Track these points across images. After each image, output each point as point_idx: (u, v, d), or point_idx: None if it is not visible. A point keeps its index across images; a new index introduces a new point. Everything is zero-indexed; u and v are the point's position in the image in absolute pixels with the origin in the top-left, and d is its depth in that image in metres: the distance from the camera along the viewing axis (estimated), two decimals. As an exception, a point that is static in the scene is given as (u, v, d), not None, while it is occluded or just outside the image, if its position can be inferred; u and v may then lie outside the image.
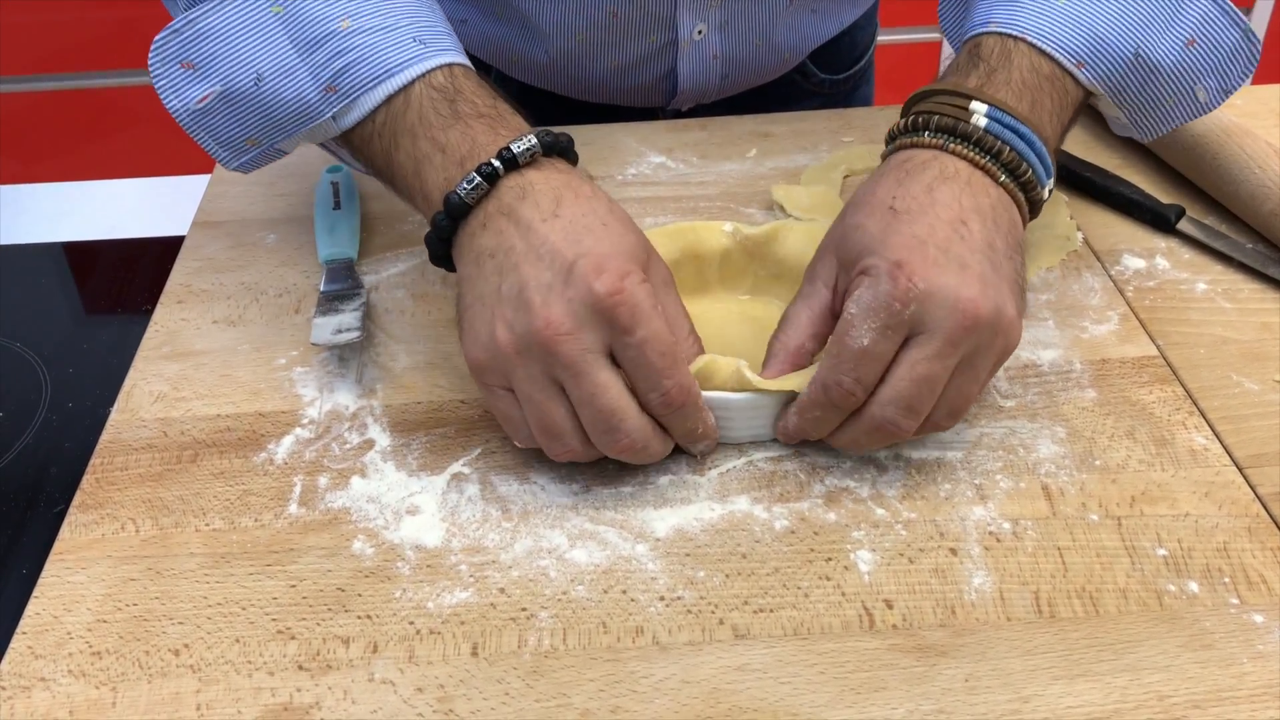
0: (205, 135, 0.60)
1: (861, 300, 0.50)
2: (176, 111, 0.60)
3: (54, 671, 0.47)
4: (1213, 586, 0.49)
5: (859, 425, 0.52)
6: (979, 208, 0.53)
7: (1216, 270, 0.67)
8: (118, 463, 0.56)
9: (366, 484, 0.54)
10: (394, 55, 0.56)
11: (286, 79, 0.57)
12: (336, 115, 0.58)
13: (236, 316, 0.65)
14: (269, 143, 0.61)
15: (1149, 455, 0.55)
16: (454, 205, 0.53)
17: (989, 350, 0.51)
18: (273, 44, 0.57)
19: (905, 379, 0.50)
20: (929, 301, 0.49)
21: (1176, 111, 0.63)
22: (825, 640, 0.47)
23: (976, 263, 0.51)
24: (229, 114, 0.59)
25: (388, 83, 0.56)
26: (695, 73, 0.85)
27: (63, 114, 1.88)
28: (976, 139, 0.54)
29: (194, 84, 0.59)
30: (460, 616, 0.48)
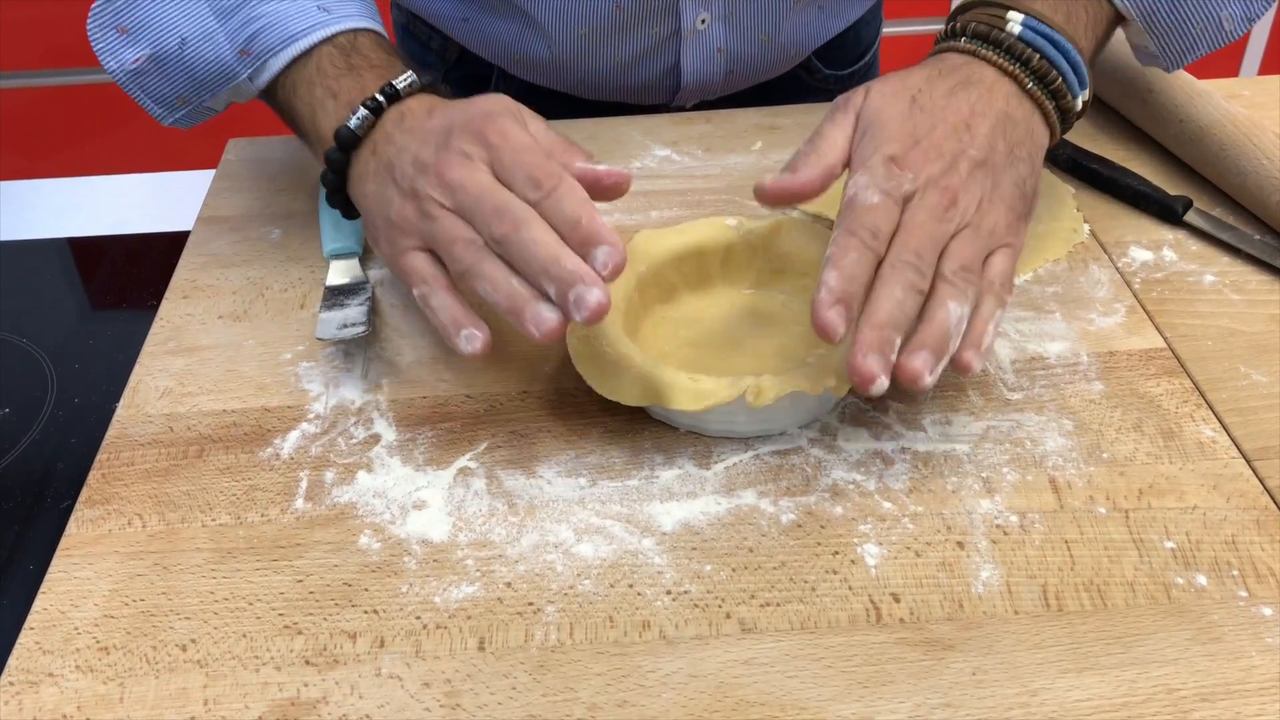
0: (140, 94, 0.67)
1: (858, 182, 0.54)
2: (114, 72, 0.66)
3: (61, 667, 0.47)
4: (1221, 579, 0.49)
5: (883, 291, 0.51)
6: (990, 113, 0.56)
7: (1224, 262, 0.67)
8: (124, 458, 0.56)
9: (373, 479, 0.54)
10: (298, 22, 0.63)
11: (206, 43, 0.64)
12: (251, 76, 0.64)
13: (242, 312, 0.65)
14: (197, 101, 0.67)
15: (1157, 448, 0.55)
16: (344, 138, 0.58)
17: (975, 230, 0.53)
18: (195, 11, 0.64)
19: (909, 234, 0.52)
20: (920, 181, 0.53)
21: (1203, 39, 0.66)
22: (832, 634, 0.47)
23: (968, 158, 0.54)
24: (159, 75, 0.66)
25: (292, 46, 0.63)
26: (699, 67, 0.85)
27: (67, 109, 1.88)
28: (1008, 46, 0.58)
29: (127, 47, 0.66)
30: (467, 611, 0.48)
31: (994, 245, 0.54)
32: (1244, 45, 2.04)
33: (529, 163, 0.52)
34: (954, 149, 0.55)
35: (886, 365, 0.49)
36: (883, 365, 0.48)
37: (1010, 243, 0.55)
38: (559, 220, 0.51)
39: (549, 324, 0.50)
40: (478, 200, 0.52)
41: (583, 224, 0.50)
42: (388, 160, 0.57)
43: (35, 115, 1.88)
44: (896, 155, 0.54)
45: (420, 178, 0.54)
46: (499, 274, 0.51)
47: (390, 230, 0.55)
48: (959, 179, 0.54)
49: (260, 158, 0.79)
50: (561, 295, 0.49)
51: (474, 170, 0.53)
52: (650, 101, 0.89)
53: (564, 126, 0.81)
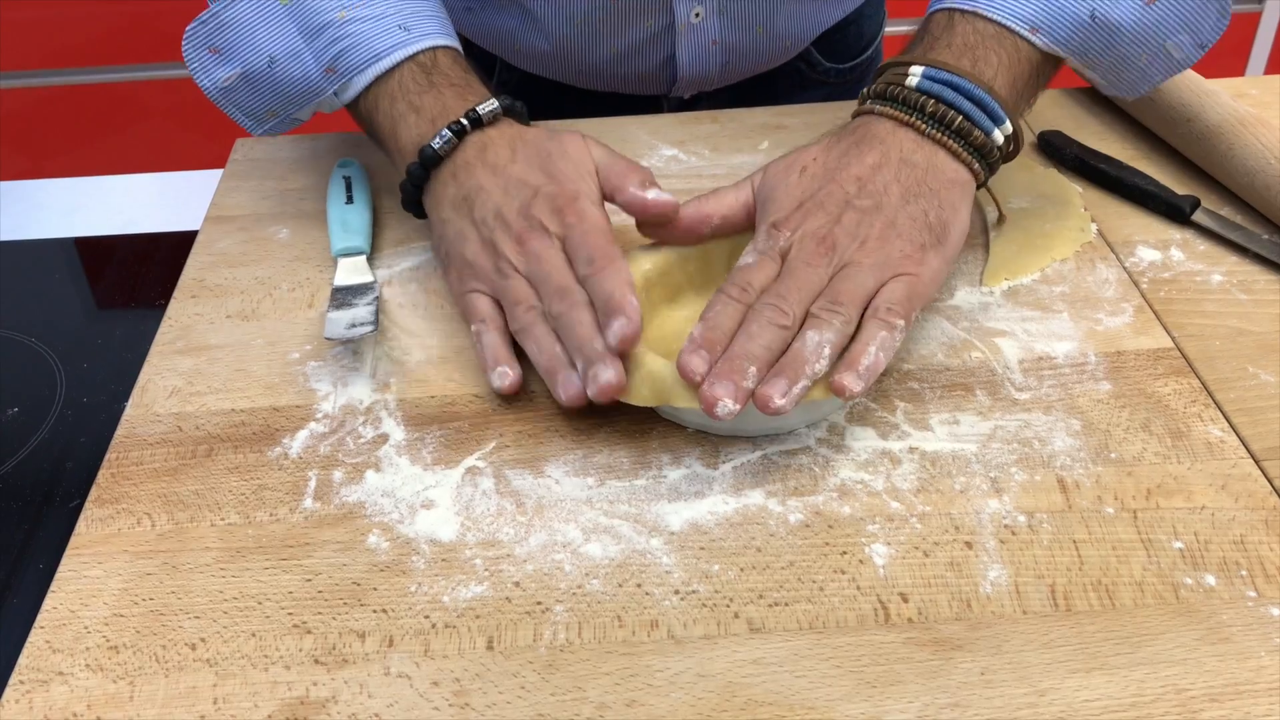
0: (232, 108, 0.70)
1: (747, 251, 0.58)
2: (207, 90, 0.69)
3: (71, 666, 0.47)
4: (1230, 580, 0.49)
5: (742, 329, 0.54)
6: (884, 163, 0.59)
7: (1232, 261, 0.67)
8: (133, 457, 0.56)
9: (381, 478, 0.55)
10: (381, 41, 0.65)
11: (294, 62, 0.67)
12: (337, 92, 0.67)
13: (250, 311, 0.65)
14: (285, 114, 0.70)
15: (1165, 448, 0.55)
16: (428, 156, 0.62)
17: (857, 267, 0.55)
18: (282, 32, 0.67)
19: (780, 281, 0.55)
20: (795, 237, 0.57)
21: (1152, 69, 0.66)
22: (840, 634, 0.47)
23: (854, 209, 0.57)
24: (249, 91, 0.69)
25: (376, 65, 0.65)
26: (694, 59, 0.85)
27: (74, 109, 1.89)
28: (903, 98, 0.60)
29: (219, 66, 0.69)
30: (475, 610, 0.48)
31: (885, 276, 0.55)
32: (1250, 44, 2.03)
33: (593, 244, 0.58)
34: (838, 202, 0.57)
35: (734, 391, 0.51)
36: (729, 391, 0.51)
37: (908, 271, 0.56)
38: (597, 293, 0.56)
39: (573, 389, 0.55)
40: (548, 277, 0.58)
41: (613, 299, 0.55)
42: (467, 194, 0.61)
43: (42, 115, 1.89)
44: (778, 220, 0.58)
45: (500, 233, 0.60)
46: (546, 339, 0.57)
47: (464, 269, 0.61)
48: (839, 227, 0.56)
49: (268, 157, 0.79)
50: (584, 370, 0.55)
51: (550, 246, 0.58)
52: (647, 92, 0.89)
53: (571, 126, 0.81)
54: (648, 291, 0.60)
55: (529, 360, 0.58)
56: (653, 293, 0.61)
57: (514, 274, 0.59)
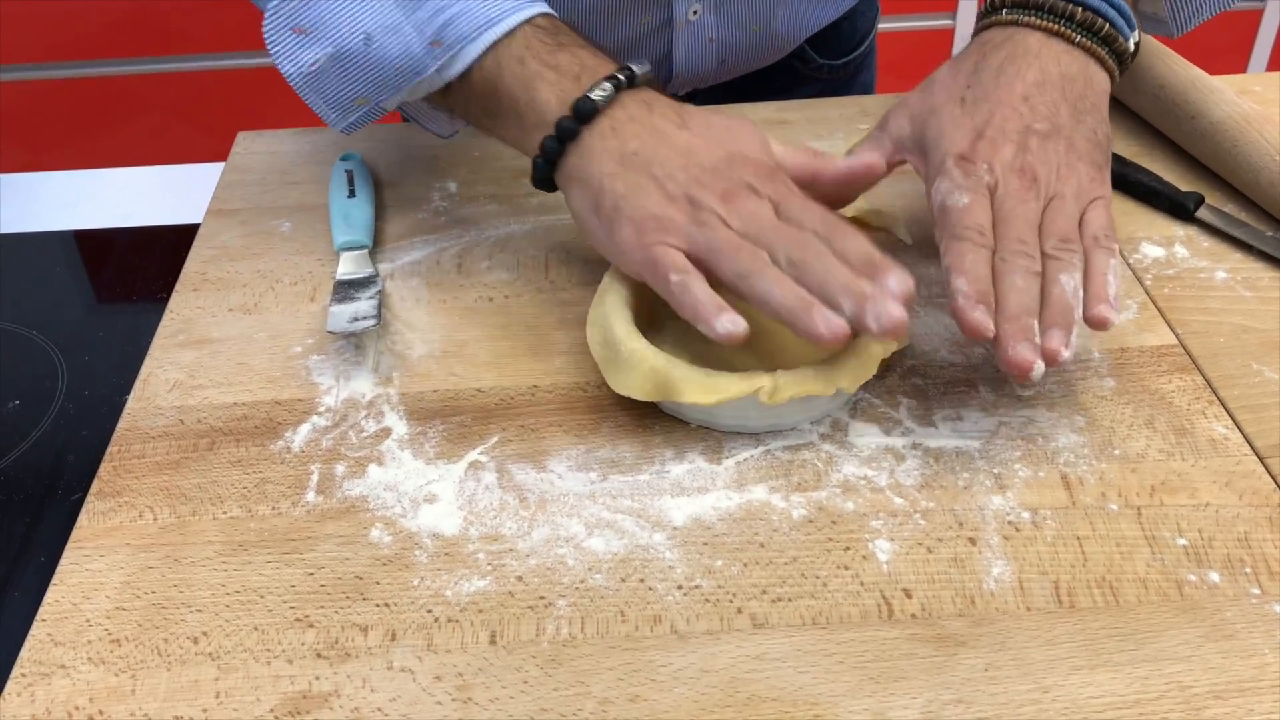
0: (316, 97, 0.64)
1: (940, 189, 0.57)
2: (291, 76, 0.63)
3: (73, 659, 0.47)
4: (1234, 577, 0.48)
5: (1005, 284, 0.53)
6: (1045, 80, 0.58)
7: (1236, 258, 0.66)
8: (135, 450, 0.56)
9: (384, 472, 0.54)
10: (493, 7, 0.60)
11: (393, 37, 0.60)
12: (441, 68, 0.61)
13: (252, 304, 0.65)
14: (376, 100, 0.63)
15: (1169, 445, 0.55)
16: (584, 110, 0.57)
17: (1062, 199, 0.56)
18: (378, 5, 0.61)
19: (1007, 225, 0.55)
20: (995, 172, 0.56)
21: (1206, 1, 0.68)
22: (844, 630, 0.47)
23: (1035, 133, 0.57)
24: (340, 75, 0.62)
25: (489, 32, 0.60)
26: (691, 56, 0.85)
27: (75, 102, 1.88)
28: (1049, 6, 0.60)
29: (306, 48, 0.62)
30: (478, 605, 0.48)
31: (1084, 203, 0.56)
32: (1253, 41, 2.03)
33: (820, 214, 0.54)
34: (1017, 128, 0.57)
35: (1035, 349, 0.51)
36: (1033, 350, 0.51)
37: (1099, 195, 0.57)
38: (852, 255, 0.53)
39: (841, 325, 0.50)
40: (775, 231, 0.53)
41: (875, 258, 0.52)
42: (636, 150, 0.56)
43: (42, 108, 1.88)
44: (965, 152, 0.57)
45: (698, 189, 0.55)
46: (785, 280, 0.52)
47: (646, 222, 0.55)
48: (1032, 155, 0.57)
49: (270, 150, 0.79)
50: (858, 310, 0.50)
51: (765, 207, 0.54)
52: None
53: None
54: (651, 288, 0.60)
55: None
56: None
57: (723, 227, 0.54)
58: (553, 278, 0.66)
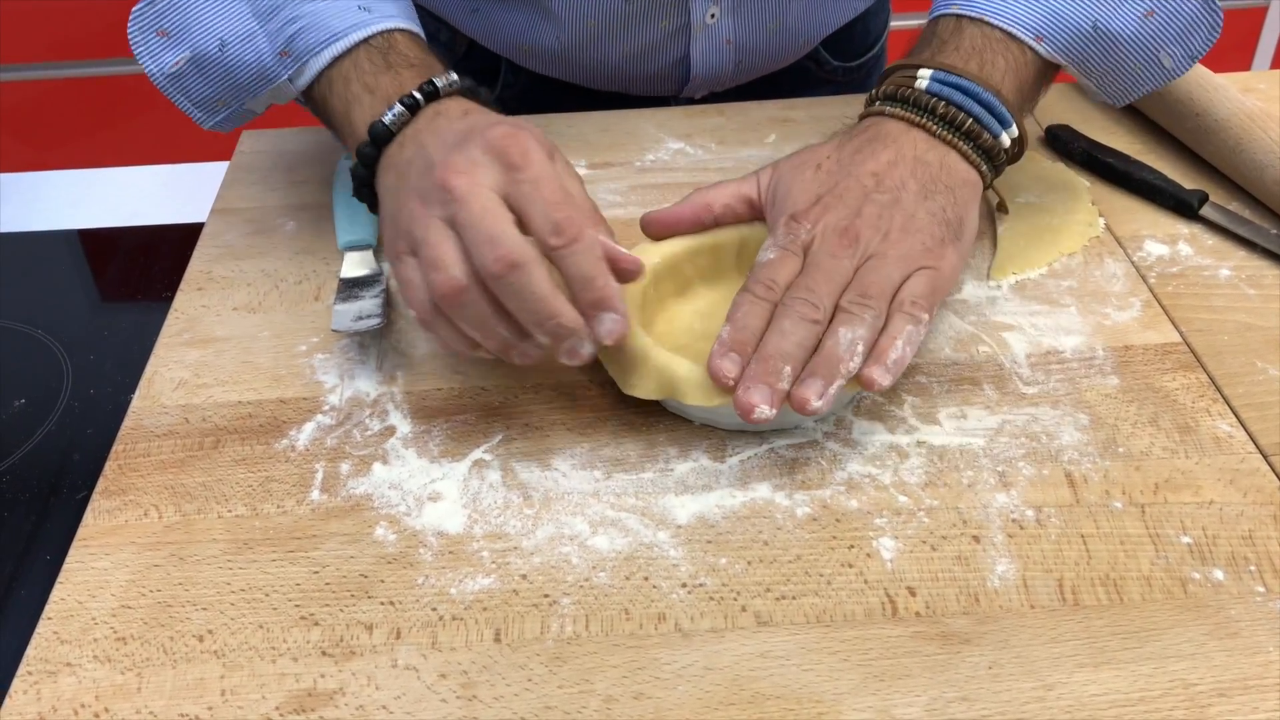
0: (180, 97, 0.66)
1: (766, 246, 0.57)
2: (153, 75, 0.65)
3: (79, 657, 0.47)
4: (1238, 574, 0.48)
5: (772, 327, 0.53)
6: (899, 160, 0.59)
7: (1240, 256, 0.66)
8: (140, 449, 0.56)
9: (388, 470, 0.55)
10: (339, 21, 0.62)
11: (247, 44, 0.63)
12: (292, 77, 0.63)
13: (257, 303, 0.65)
14: (237, 104, 0.66)
15: (1173, 443, 0.55)
16: (378, 132, 0.57)
17: (882, 259, 0.55)
18: (235, 13, 0.63)
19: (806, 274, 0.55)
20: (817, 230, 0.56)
21: (1143, 78, 0.67)
22: (848, 628, 0.47)
23: (874, 202, 0.57)
24: (199, 77, 0.65)
25: (333, 46, 0.61)
26: (708, 59, 0.85)
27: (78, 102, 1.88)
28: (914, 100, 0.60)
29: (167, 50, 0.64)
30: (483, 603, 0.48)
31: (909, 269, 0.55)
32: (1256, 40, 2.03)
33: (550, 200, 0.51)
34: (857, 195, 0.57)
35: (769, 396, 0.50)
36: (765, 396, 0.50)
37: (930, 265, 0.56)
38: (572, 274, 0.51)
39: (535, 357, 0.52)
40: (476, 223, 0.50)
41: (597, 285, 0.51)
42: (409, 157, 0.56)
43: (46, 107, 1.89)
44: (797, 213, 0.57)
45: (425, 178, 0.53)
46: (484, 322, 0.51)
47: (389, 229, 0.55)
48: (861, 220, 0.56)
49: (274, 150, 0.79)
50: (555, 343, 0.51)
51: (477, 185, 0.51)
52: (659, 93, 0.89)
53: (576, 119, 0.81)
54: (656, 284, 0.60)
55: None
56: (661, 286, 0.61)
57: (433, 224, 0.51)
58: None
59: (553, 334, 0.51)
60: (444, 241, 0.51)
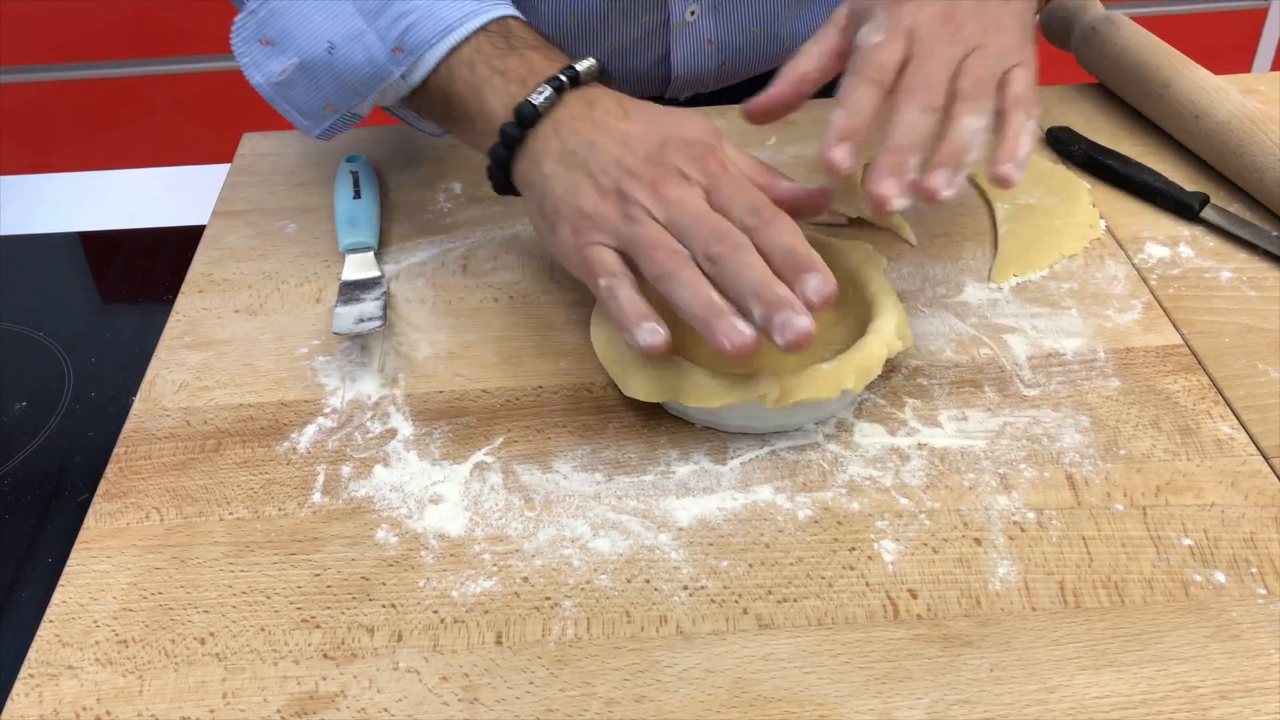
0: (287, 106, 0.65)
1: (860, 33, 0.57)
2: (259, 86, 0.65)
3: (81, 659, 0.47)
4: (1240, 577, 0.48)
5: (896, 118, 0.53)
6: None
7: (1241, 258, 0.66)
8: (141, 452, 0.56)
9: (389, 473, 0.55)
10: (452, 11, 0.61)
11: (356, 44, 0.62)
12: (405, 74, 0.62)
13: (258, 306, 0.65)
14: (345, 107, 0.65)
15: (1174, 445, 0.55)
16: (526, 114, 0.57)
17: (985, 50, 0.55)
18: (341, 14, 0.62)
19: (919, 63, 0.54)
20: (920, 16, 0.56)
21: None
22: (849, 630, 0.47)
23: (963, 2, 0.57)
24: (307, 83, 0.64)
25: (449, 37, 0.60)
26: (690, 58, 0.85)
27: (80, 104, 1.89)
28: None
29: (273, 59, 0.64)
30: (484, 605, 0.48)
31: (1008, 64, 0.56)
32: (1256, 41, 2.03)
33: (749, 194, 0.53)
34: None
35: (901, 187, 0.51)
36: (897, 187, 0.51)
37: (1025, 61, 0.56)
38: (774, 247, 0.51)
39: (744, 338, 0.49)
40: (696, 220, 0.52)
41: (798, 252, 0.51)
42: (575, 149, 0.56)
43: (47, 110, 1.89)
44: (891, 4, 0.57)
45: (629, 181, 0.54)
46: (700, 284, 0.51)
47: (581, 220, 0.55)
48: (960, 10, 0.56)
49: (275, 152, 0.79)
50: (767, 317, 0.49)
51: (691, 192, 0.53)
52: (643, 94, 0.88)
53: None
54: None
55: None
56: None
57: (649, 220, 0.53)
58: (558, 278, 0.67)
59: (768, 304, 0.49)
60: (663, 236, 0.52)
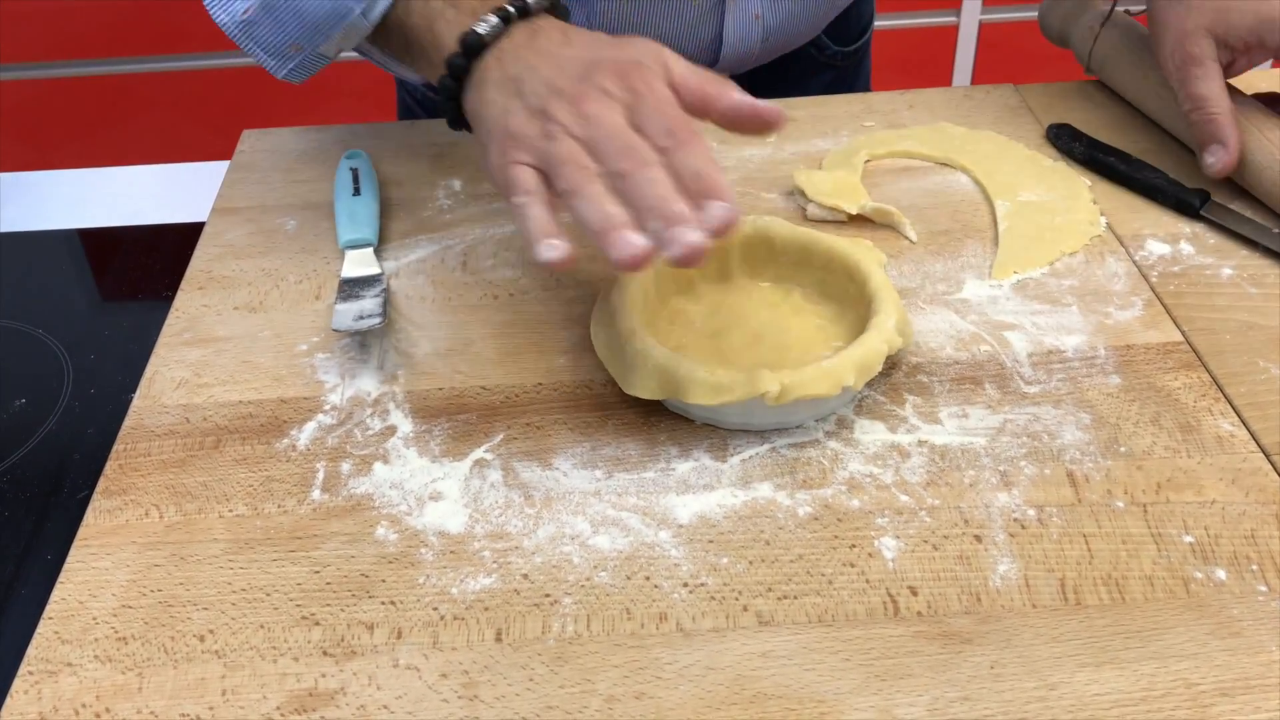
0: (253, 45, 0.66)
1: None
2: (225, 25, 0.66)
3: (80, 656, 0.47)
4: (1240, 574, 0.48)
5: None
6: None
7: (1242, 255, 0.66)
8: (140, 449, 0.56)
9: (389, 470, 0.54)
10: None
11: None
12: (365, 10, 0.63)
13: (258, 303, 0.65)
14: (310, 47, 0.66)
15: (1175, 442, 0.55)
16: (471, 43, 0.57)
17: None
18: None
19: None
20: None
21: None
22: (850, 627, 0.47)
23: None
24: (271, 22, 0.65)
25: None
26: (739, 35, 0.85)
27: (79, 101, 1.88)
28: None
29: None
30: (484, 602, 0.48)
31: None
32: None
33: (670, 115, 0.52)
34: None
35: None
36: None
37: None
38: (685, 169, 0.50)
39: (634, 249, 0.48)
40: (609, 136, 0.51)
41: (707, 176, 0.50)
42: (516, 74, 0.56)
43: (46, 107, 1.89)
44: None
45: (554, 100, 0.53)
46: (602, 197, 0.50)
47: (505, 140, 0.55)
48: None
49: (275, 148, 0.79)
50: (661, 232, 0.49)
51: (610, 109, 0.52)
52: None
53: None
54: (658, 283, 0.60)
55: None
56: (663, 284, 0.61)
57: (566, 137, 0.52)
58: (557, 275, 0.66)
59: (665, 217, 0.49)
60: (577, 150, 0.52)
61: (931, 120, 0.79)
